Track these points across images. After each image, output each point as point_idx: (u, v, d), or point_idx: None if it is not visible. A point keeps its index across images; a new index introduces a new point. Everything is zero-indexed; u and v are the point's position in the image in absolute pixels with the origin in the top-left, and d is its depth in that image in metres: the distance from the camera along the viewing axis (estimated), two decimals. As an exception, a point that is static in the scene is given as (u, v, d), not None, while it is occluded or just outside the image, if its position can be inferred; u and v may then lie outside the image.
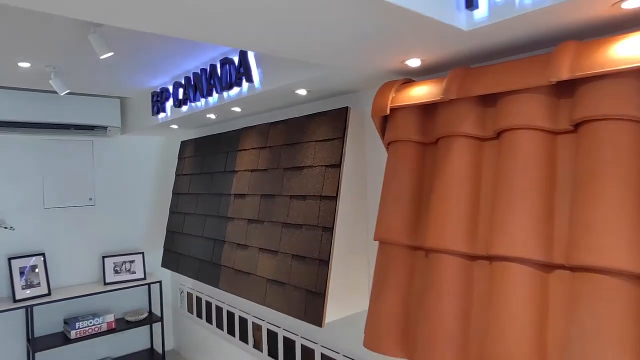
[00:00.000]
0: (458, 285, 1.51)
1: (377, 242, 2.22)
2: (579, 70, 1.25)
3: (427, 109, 1.73)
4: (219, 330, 3.64)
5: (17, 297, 3.42)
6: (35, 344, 3.47)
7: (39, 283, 3.55)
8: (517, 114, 1.42)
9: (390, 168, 1.79)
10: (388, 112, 1.79)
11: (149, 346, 4.25)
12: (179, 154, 3.84)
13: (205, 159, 3.38)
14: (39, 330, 3.63)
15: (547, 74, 1.31)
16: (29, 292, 3.47)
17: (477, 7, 1.30)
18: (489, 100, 1.55)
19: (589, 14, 1.23)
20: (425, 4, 1.22)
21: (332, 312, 2.09)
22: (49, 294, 3.56)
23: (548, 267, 1.34)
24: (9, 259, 3.47)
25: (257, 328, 3.18)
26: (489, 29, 1.33)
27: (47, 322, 3.68)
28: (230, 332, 3.49)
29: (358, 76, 1.99)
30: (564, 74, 1.27)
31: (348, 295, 2.15)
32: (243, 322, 3.33)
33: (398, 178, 1.75)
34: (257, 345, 3.18)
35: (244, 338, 3.33)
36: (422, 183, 1.73)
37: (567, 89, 1.35)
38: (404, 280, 1.68)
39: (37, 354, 3.56)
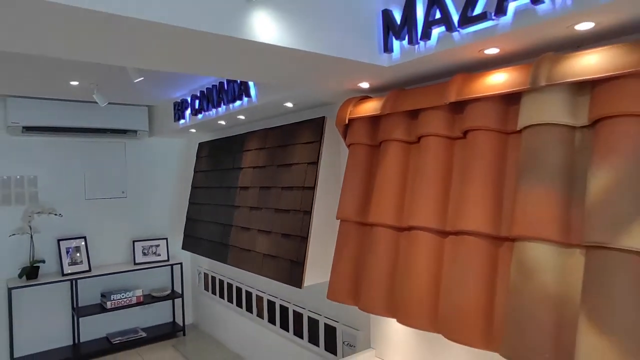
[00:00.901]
0: (389, 250, 2.07)
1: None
2: (463, 95, 1.80)
3: (374, 120, 2.29)
4: (230, 304, 4.27)
5: (65, 271, 4.13)
6: (78, 311, 4.18)
7: (82, 261, 4.26)
8: (429, 124, 1.96)
9: (348, 164, 2.36)
10: (347, 122, 2.36)
11: (171, 320, 4.92)
12: (197, 154, 4.49)
13: (218, 158, 4.01)
14: (82, 301, 4.35)
15: (444, 97, 1.86)
16: (73, 268, 4.18)
17: (392, 51, 1.86)
18: (413, 114, 2.10)
19: (461, 57, 1.78)
20: (360, 52, 1.80)
21: (310, 277, 2.68)
22: (90, 270, 4.27)
23: (443, 233, 1.88)
24: (58, 240, 4.19)
25: (259, 300, 3.80)
26: (402, 66, 1.89)
27: (87, 294, 4.39)
28: (239, 304, 4.11)
29: (330, 93, 2.57)
30: (452, 98, 1.82)
31: (322, 264, 2.73)
32: (248, 295, 3.95)
33: (353, 172, 2.31)
34: (260, 314, 3.79)
35: (249, 309, 3.95)
36: (370, 176, 2.29)
37: (458, 107, 1.89)
38: (354, 248, 2.25)
39: (81, 319, 4.27)
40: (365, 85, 2.28)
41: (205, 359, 4.16)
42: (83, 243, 4.32)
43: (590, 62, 1.44)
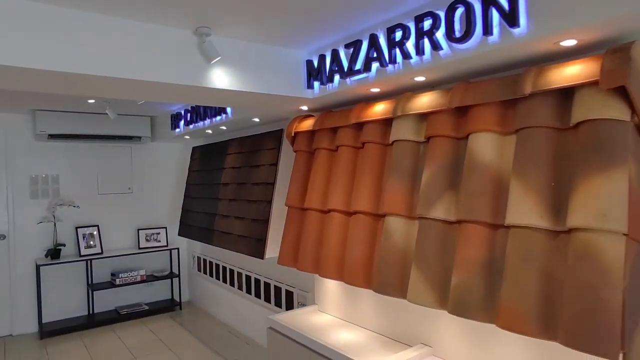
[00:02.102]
0: (316, 226, 2.91)
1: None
2: (360, 118, 2.64)
3: (310, 133, 3.13)
4: (217, 281, 5.13)
5: (81, 253, 5.01)
6: (92, 286, 5.06)
7: (95, 245, 5.14)
8: (342, 138, 2.80)
9: (294, 166, 3.20)
10: (293, 134, 3.21)
11: (169, 296, 5.79)
12: (191, 156, 5.36)
13: (207, 160, 4.87)
14: (95, 278, 5.23)
15: (349, 119, 2.70)
16: (88, 251, 5.06)
17: (313, 88, 2.71)
18: (333, 130, 2.93)
19: (353, 94, 2.62)
20: (291, 89, 2.65)
21: (269, 251, 3.53)
22: (102, 252, 5.14)
23: (347, 213, 2.72)
24: (76, 228, 5.08)
25: (239, 275, 4.65)
26: (320, 98, 2.73)
27: (100, 272, 5.27)
28: (224, 281, 4.97)
29: (284, 112, 3.42)
30: (354, 120, 2.65)
31: (278, 241, 3.58)
32: (231, 273, 4.81)
33: (297, 171, 3.16)
34: (240, 287, 4.65)
35: (232, 284, 4.81)
36: (308, 174, 3.13)
37: (359, 126, 2.73)
38: (297, 227, 3.10)
39: (95, 293, 5.15)
40: (305, 107, 3.13)
41: (198, 327, 5.02)
42: (96, 230, 5.20)
43: (424, 101, 2.28)
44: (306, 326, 3.01)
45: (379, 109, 2.54)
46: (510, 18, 1.68)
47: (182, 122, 4.65)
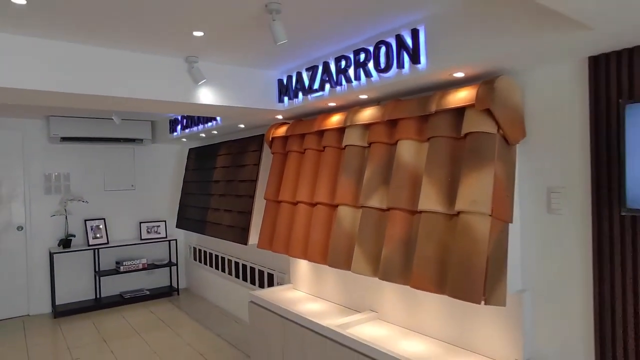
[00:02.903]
0: (288, 215, 3.51)
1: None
2: (322, 127, 3.23)
3: (284, 138, 3.73)
4: (211, 269, 5.74)
5: (89, 243, 5.62)
6: (99, 273, 5.68)
7: (102, 236, 5.75)
8: (308, 142, 3.40)
9: (272, 166, 3.80)
10: (271, 139, 3.80)
11: (168, 283, 6.40)
12: (187, 157, 5.96)
13: (201, 160, 5.48)
14: (102, 266, 5.84)
15: (313, 127, 3.30)
16: (96, 241, 5.67)
17: (283, 102, 3.31)
18: (302, 136, 3.53)
19: (314, 107, 3.22)
20: (265, 103, 3.24)
21: (252, 238, 4.13)
22: (108, 243, 5.76)
23: (311, 204, 3.32)
24: (85, 220, 5.69)
25: (229, 262, 5.26)
26: (289, 110, 3.33)
27: (106, 260, 5.89)
28: (217, 268, 5.57)
29: (264, 120, 4.01)
30: (316, 128, 3.25)
31: (259, 229, 4.18)
32: (222, 260, 5.41)
33: (274, 170, 3.76)
34: (230, 273, 5.26)
35: (223, 270, 5.41)
36: (282, 172, 3.73)
37: (321, 133, 3.32)
38: (273, 216, 3.70)
39: (101, 279, 5.75)
40: (280, 116, 3.73)
41: (193, 309, 5.62)
42: (103, 223, 5.81)
43: (367, 114, 2.88)
44: (281, 300, 3.62)
45: (335, 120, 3.14)
46: (414, 57, 2.28)
47: (179, 127, 5.25)
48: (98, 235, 5.73)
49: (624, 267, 1.91)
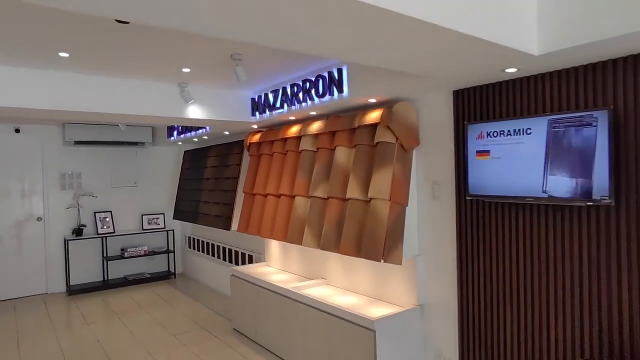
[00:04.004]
0: (260, 205, 4.42)
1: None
2: (285, 135, 4.14)
3: (258, 144, 4.64)
4: (203, 254, 6.65)
5: (98, 232, 6.54)
6: (107, 258, 6.59)
7: (109, 226, 6.66)
8: (276, 147, 4.31)
9: (249, 166, 4.71)
10: (248, 144, 4.72)
11: (166, 268, 7.31)
12: (183, 158, 6.88)
13: (194, 161, 6.39)
14: (109, 252, 6.75)
15: (279, 135, 4.21)
16: (104, 230, 6.59)
17: (256, 116, 4.22)
18: (271, 142, 4.44)
19: (279, 120, 4.13)
20: (242, 116, 4.15)
21: (233, 225, 5.05)
22: (114, 232, 6.67)
23: (277, 196, 4.23)
24: (94, 213, 6.61)
25: (218, 248, 6.18)
26: (260, 122, 4.24)
27: (113, 247, 6.80)
28: (208, 253, 6.49)
29: (243, 129, 4.92)
30: (282, 136, 4.16)
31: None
32: (212, 246, 6.33)
33: (250, 169, 4.67)
34: (218, 257, 6.17)
35: (213, 255, 6.33)
36: (257, 171, 4.64)
37: (285, 140, 4.23)
38: (249, 206, 4.61)
39: (109, 263, 6.67)
40: (255, 126, 4.64)
41: (188, 289, 6.53)
42: (109, 215, 6.72)
43: (315, 126, 3.79)
44: (255, 273, 4.54)
45: (294, 130, 4.05)
46: (339, 88, 3.19)
47: (175, 132, 6.16)
48: (106, 226, 6.64)
49: (472, 233, 2.82)
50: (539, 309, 2.49)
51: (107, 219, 6.70)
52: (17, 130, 6.17)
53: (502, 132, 2.56)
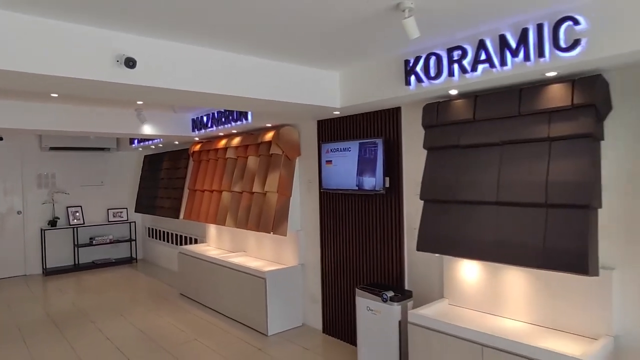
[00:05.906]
0: (207, 201, 5.86)
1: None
2: (217, 146, 5.61)
3: (199, 152, 6.07)
4: (160, 242, 8.01)
5: (70, 223, 7.80)
6: (78, 245, 7.86)
7: (80, 219, 7.93)
8: (210, 155, 5.75)
9: (192, 169, 6.13)
10: (192, 152, 6.15)
11: (129, 255, 8.62)
12: (143, 161, 8.22)
13: (152, 164, 7.76)
14: (80, 240, 8.02)
15: (212, 146, 5.66)
16: (75, 222, 7.85)
17: (195, 132, 5.66)
18: (208, 151, 5.88)
19: (214, 135, 5.60)
20: (185, 132, 5.59)
21: (182, 215, 6.47)
22: (84, 223, 7.94)
23: (219, 191, 5.68)
24: (67, 207, 7.86)
25: (170, 235, 7.56)
26: (199, 135, 5.69)
27: (83, 236, 8.07)
28: (164, 240, 7.85)
29: (188, 140, 6.34)
30: (214, 147, 5.62)
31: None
32: (167, 234, 7.70)
33: (193, 171, 6.10)
34: (172, 242, 7.56)
35: (167, 241, 7.70)
36: (197, 173, 6.07)
37: (224, 149, 5.69)
38: (192, 200, 6.04)
39: (79, 249, 7.93)
40: (197, 138, 6.08)
41: (148, 271, 7.86)
42: (80, 209, 7.98)
43: (235, 141, 5.27)
44: (197, 250, 5.99)
45: (222, 143, 5.51)
46: (245, 118, 4.68)
47: (136, 140, 7.50)
48: (76, 219, 7.90)
49: (326, 214, 4.38)
50: (356, 253, 4.06)
51: (78, 213, 7.95)
52: (1, 138, 7.37)
53: (337, 149, 4.11)
